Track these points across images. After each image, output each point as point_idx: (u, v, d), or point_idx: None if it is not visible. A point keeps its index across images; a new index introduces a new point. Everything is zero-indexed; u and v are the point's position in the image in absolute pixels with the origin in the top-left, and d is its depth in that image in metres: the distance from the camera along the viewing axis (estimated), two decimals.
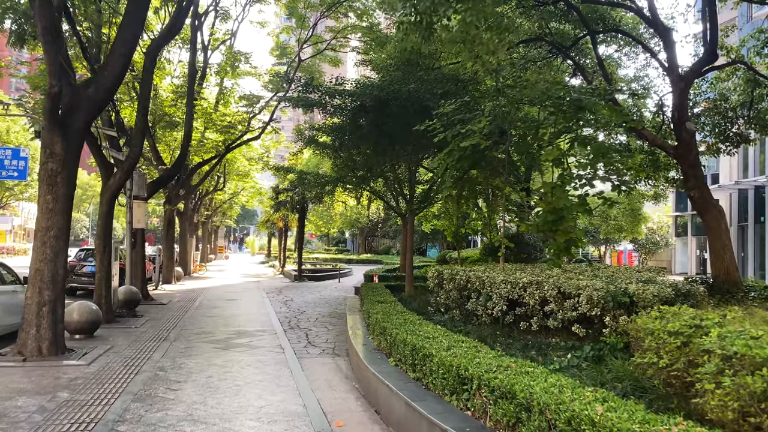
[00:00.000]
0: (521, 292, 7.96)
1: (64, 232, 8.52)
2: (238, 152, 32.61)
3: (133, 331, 11.09)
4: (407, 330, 6.76)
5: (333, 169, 21.92)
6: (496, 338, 7.75)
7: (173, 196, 22.77)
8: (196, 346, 9.67)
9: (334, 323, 12.59)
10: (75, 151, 8.63)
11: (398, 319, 7.65)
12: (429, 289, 11.04)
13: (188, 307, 15.31)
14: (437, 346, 5.65)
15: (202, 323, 12.35)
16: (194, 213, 34.71)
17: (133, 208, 15.10)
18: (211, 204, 45.69)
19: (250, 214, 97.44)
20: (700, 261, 40.40)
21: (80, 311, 10.00)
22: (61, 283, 8.47)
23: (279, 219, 32.80)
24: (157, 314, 13.67)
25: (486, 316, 8.60)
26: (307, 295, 19.12)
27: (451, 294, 9.52)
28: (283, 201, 28.44)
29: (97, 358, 8.36)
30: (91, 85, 8.74)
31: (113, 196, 11.85)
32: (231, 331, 11.26)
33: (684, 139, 12.94)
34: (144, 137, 12.32)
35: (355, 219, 54.20)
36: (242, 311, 14.66)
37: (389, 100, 11.91)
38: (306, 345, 9.98)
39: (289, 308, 15.42)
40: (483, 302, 8.48)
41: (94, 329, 10.24)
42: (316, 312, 14.59)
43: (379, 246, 61.19)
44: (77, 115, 8.62)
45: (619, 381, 5.49)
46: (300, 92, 13.98)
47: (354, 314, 11.40)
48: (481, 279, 8.68)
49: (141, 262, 16.20)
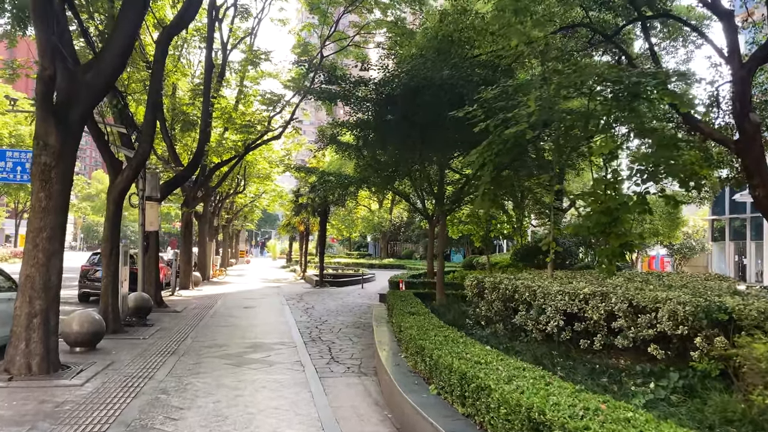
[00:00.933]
0: (582, 305, 6.76)
1: (58, 234, 7.59)
2: (259, 154, 31.87)
3: (140, 342, 10.13)
4: (451, 351, 5.62)
5: (356, 170, 20.92)
6: (554, 359, 6.57)
7: (191, 198, 21.97)
8: (207, 361, 8.65)
9: (360, 335, 11.49)
10: (72, 144, 7.71)
11: (437, 337, 6.51)
12: (467, 298, 9.86)
13: (203, 315, 14.37)
14: (495, 376, 4.50)
15: (215, 334, 11.36)
16: (214, 216, 34.03)
17: (146, 209, 14.23)
18: (232, 207, 45.09)
19: (272, 218, 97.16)
20: (739, 267, 38.47)
21: (81, 321, 9.07)
22: (54, 290, 7.53)
23: (300, 223, 31.86)
24: (169, 323, 12.74)
25: (537, 331, 7.41)
26: (329, 303, 18.07)
27: (494, 305, 8.35)
28: (304, 204, 27.50)
29: (93, 376, 7.39)
30: (90, 70, 7.81)
31: (120, 195, 10.95)
32: (246, 344, 10.23)
33: (747, 131, 11.56)
34: (154, 132, 11.42)
35: (377, 223, 53.12)
36: (260, 320, 13.66)
37: (420, 89, 10.80)
38: (329, 361, 8.89)
39: (310, 317, 14.37)
40: (535, 316, 7.30)
41: (96, 341, 9.30)
42: (339, 321, 13.51)
43: (402, 250, 60.02)
44: (75, 103, 7.69)
45: (729, 423, 4.28)
46: (323, 83, 12.92)
47: (382, 325, 10.29)
48: (532, 289, 7.50)
49: (154, 267, 15.33)
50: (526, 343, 7.58)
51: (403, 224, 58.74)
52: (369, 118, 13.35)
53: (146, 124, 11.10)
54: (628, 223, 9.19)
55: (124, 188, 10.97)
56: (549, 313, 7.07)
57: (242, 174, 32.09)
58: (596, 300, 6.59)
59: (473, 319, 9.19)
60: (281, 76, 25.18)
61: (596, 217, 9.37)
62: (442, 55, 11.18)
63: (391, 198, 56.95)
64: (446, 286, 18.43)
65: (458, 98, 10.61)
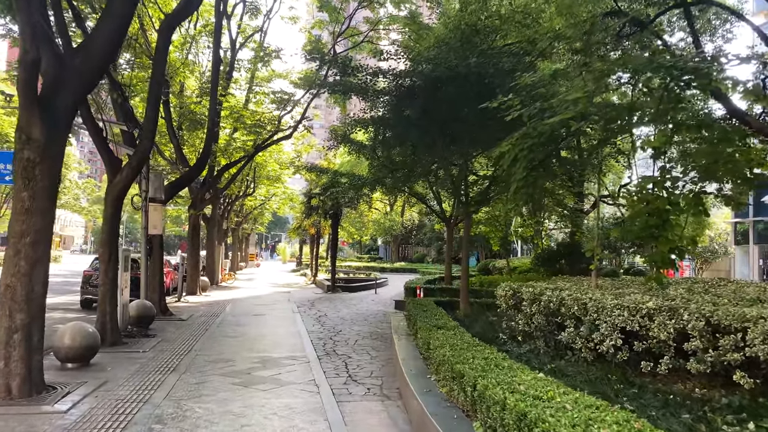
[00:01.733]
0: (645, 322, 5.79)
1: (43, 238, 6.73)
2: (269, 156, 31.11)
3: (139, 357, 9.26)
4: (499, 380, 4.66)
5: (370, 170, 20.02)
6: (612, 385, 5.60)
7: (199, 200, 21.19)
8: (210, 380, 7.76)
9: (378, 348, 10.55)
10: (59, 137, 6.86)
11: (476, 359, 5.56)
12: (500, 309, 8.87)
13: (210, 323, 13.50)
14: (566, 420, 3.54)
15: (222, 346, 10.47)
16: (223, 219, 33.26)
17: (149, 211, 13.40)
18: (242, 210, 44.36)
19: (282, 221, 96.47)
20: (763, 271, 37.23)
21: (73, 335, 8.22)
22: (38, 302, 6.67)
23: (310, 225, 30.98)
24: (172, 333, 11.88)
25: (587, 350, 6.44)
26: (342, 310, 17.15)
27: (534, 319, 7.38)
28: (315, 206, 26.63)
29: (80, 400, 6.51)
30: (80, 54, 6.96)
31: (119, 196, 10.11)
32: (254, 359, 9.33)
33: None
34: (155, 128, 10.58)
35: (388, 226, 52.18)
36: (270, 330, 12.76)
37: (443, 81, 9.87)
38: (346, 380, 7.96)
39: (323, 326, 13.46)
40: (586, 333, 6.32)
41: (90, 356, 8.44)
42: (354, 332, 12.58)
43: (413, 254, 59.02)
44: (62, 91, 6.84)
45: None
46: (338, 74, 12.00)
47: (403, 339, 9.34)
48: (582, 302, 6.53)
49: (158, 273, 14.50)
50: (574, 364, 6.61)
51: (415, 227, 57.74)
52: (386, 114, 12.45)
53: (147, 120, 10.27)
54: (680, 226, 8.23)
55: (123, 188, 10.13)
56: (604, 330, 6.09)
57: (252, 176, 31.31)
58: (663, 316, 5.62)
59: (507, 334, 8.22)
60: (291, 77, 24.38)
61: (644, 220, 8.41)
62: (467, 45, 10.23)
63: (403, 201, 56.13)
64: (458, 293, 17.42)
65: (486, 89, 9.67)
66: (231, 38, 22.30)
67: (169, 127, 18.26)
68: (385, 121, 12.30)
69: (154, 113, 10.24)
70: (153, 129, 10.33)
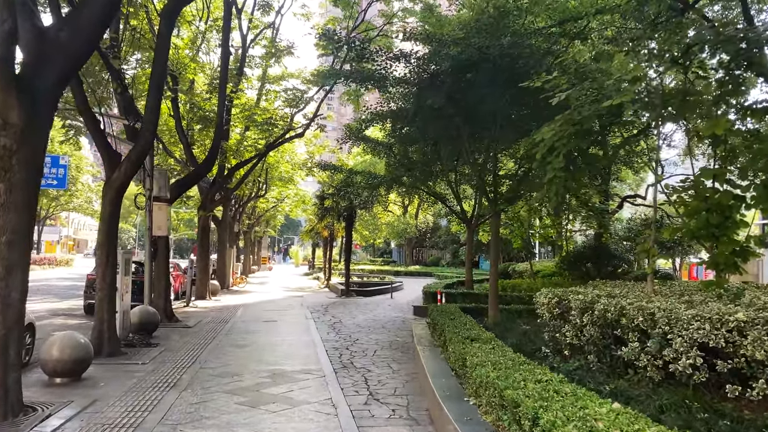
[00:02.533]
0: (735, 338, 4.77)
1: (21, 238, 5.88)
2: (281, 157, 30.32)
3: (137, 370, 8.39)
4: (569, 414, 3.68)
5: (386, 169, 19.10)
6: (692, 413, 4.59)
7: (208, 200, 20.40)
8: (214, 399, 6.85)
9: (399, 359, 9.59)
10: (41, 121, 6.00)
11: (530, 383, 4.58)
12: (542, 319, 7.86)
13: (217, 331, 12.63)
14: None
15: (229, 357, 9.57)
16: (234, 221, 32.53)
17: (153, 211, 12.58)
18: (254, 213, 43.67)
19: (294, 224, 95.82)
20: None
21: (61, 346, 7.36)
22: (15, 311, 5.80)
23: (324, 228, 30.09)
24: (177, 342, 11.02)
25: (654, 369, 5.43)
26: (358, 315, 16.21)
27: (585, 331, 6.37)
28: (328, 208, 25.75)
29: (62, 425, 5.63)
30: (65, 27, 6.11)
31: (118, 194, 9.26)
32: (264, 372, 8.41)
33: None
34: (157, 119, 9.75)
35: (402, 228, 51.17)
36: (281, 338, 11.85)
37: (472, 63, 8.90)
38: (367, 399, 7.00)
39: (339, 334, 12.52)
40: (655, 349, 5.31)
41: (81, 369, 7.58)
42: (373, 340, 11.62)
43: (428, 257, 57.91)
44: (44, 70, 5.99)
45: None
46: (354, 60, 11.04)
47: (428, 350, 8.39)
48: (648, 312, 5.51)
49: (164, 276, 13.67)
50: (637, 384, 5.61)
51: (429, 230, 56.68)
52: (405, 105, 11.51)
53: (149, 110, 9.43)
54: (745, 223, 7.21)
55: (122, 185, 9.28)
56: (678, 346, 5.08)
57: (264, 177, 30.50)
58: (758, 331, 4.60)
59: (551, 347, 7.22)
60: (304, 75, 23.57)
61: (703, 218, 7.39)
62: (497, 25, 9.25)
63: (417, 203, 55.10)
64: (480, 298, 16.43)
65: (519, 74, 8.71)
66: (242, 34, 21.56)
67: (177, 126, 17.49)
68: (404, 113, 11.35)
69: (156, 103, 9.39)
70: (155, 120, 9.48)
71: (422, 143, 14.06)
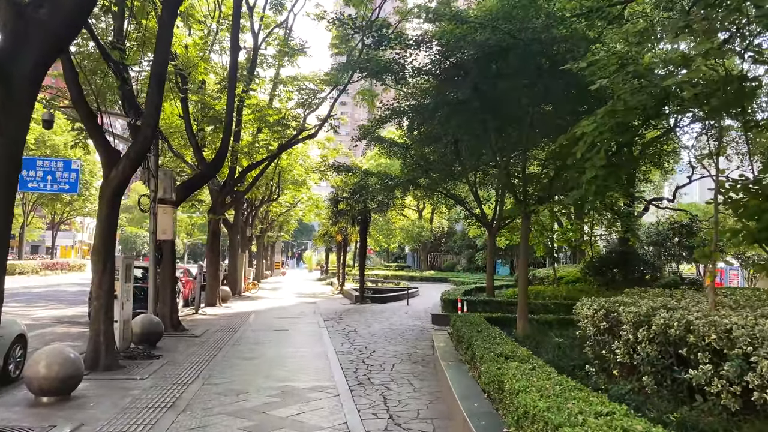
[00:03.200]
0: None
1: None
2: (294, 160, 29.70)
3: (133, 387, 7.65)
4: None
5: (402, 170, 18.33)
6: None
7: (219, 204, 19.74)
8: (215, 423, 6.08)
9: (421, 375, 8.76)
10: (17, 108, 5.30)
11: (589, 417, 3.74)
12: (583, 333, 6.98)
13: (225, 341, 11.90)
14: None
15: (235, 372, 8.81)
16: (246, 226, 31.90)
17: (158, 214, 11.92)
18: (266, 217, 43.09)
19: (308, 229, 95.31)
20: None
21: (49, 362, 6.65)
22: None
23: (337, 232, 29.35)
24: (181, 354, 10.30)
25: (731, 396, 4.55)
26: (374, 324, 15.39)
27: (640, 349, 5.50)
28: (342, 211, 25.06)
29: None
30: (45, 3, 5.40)
31: (116, 194, 8.57)
32: (272, 390, 7.63)
33: None
34: (159, 113, 9.05)
35: (417, 233, 50.26)
36: (292, 350, 11.07)
37: (501, 50, 8.09)
38: (387, 425, 6.18)
39: (354, 345, 11.72)
40: (734, 373, 4.44)
41: (70, 387, 6.86)
42: (390, 353, 10.80)
43: (443, 262, 56.89)
44: (21, 52, 5.30)
45: None
46: (372, 47, 10.26)
47: (453, 367, 7.57)
48: (723, 328, 4.64)
49: (170, 283, 12.98)
50: (708, 413, 4.74)
51: (444, 234, 55.71)
52: (425, 101, 10.71)
53: (150, 103, 8.74)
54: None
55: (120, 185, 8.59)
56: (765, 371, 4.20)
57: (276, 181, 29.85)
58: None
59: (596, 365, 6.35)
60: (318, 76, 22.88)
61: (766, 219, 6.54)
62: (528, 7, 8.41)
63: (432, 207, 54.16)
64: (503, 306, 15.55)
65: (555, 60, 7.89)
66: (253, 32, 20.96)
67: (187, 127, 16.86)
68: (423, 108, 10.55)
69: (157, 97, 8.70)
70: (156, 115, 8.78)
71: (441, 142, 13.27)
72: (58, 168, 34.14)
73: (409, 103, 10.83)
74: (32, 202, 51.00)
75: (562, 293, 17.35)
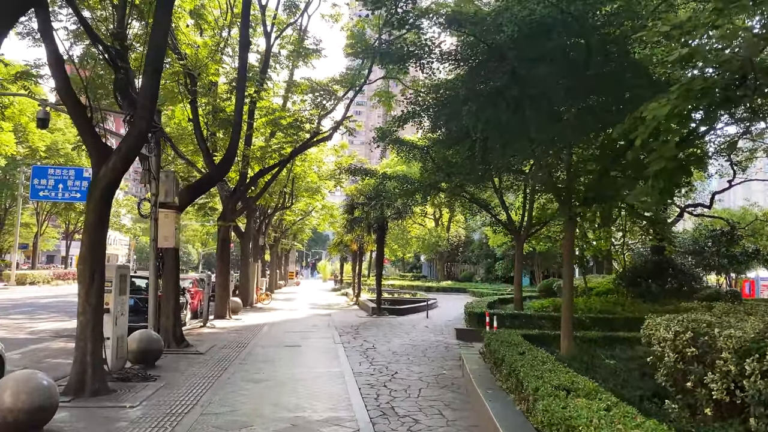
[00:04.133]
0: None
1: None
2: (308, 167, 28.73)
3: (120, 417, 6.58)
4: None
5: (423, 174, 17.23)
6: None
7: (229, 210, 18.78)
8: None
9: (452, 403, 7.57)
10: None
11: None
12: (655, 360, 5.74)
13: (231, 359, 10.82)
14: None
15: (239, 398, 7.71)
16: (259, 234, 30.99)
17: (159, 219, 10.92)
18: (280, 225, 42.19)
19: (322, 238, 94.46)
20: None
21: (16, 391, 5.60)
22: None
23: (352, 241, 28.25)
24: (181, 374, 9.23)
25: None
26: (393, 339, 14.22)
27: (747, 384, 4.30)
28: (357, 218, 23.93)
29: None
30: None
31: (105, 194, 7.55)
32: (281, 422, 6.50)
33: None
34: (155, 104, 8.05)
35: (434, 242, 48.97)
36: (305, 370, 9.94)
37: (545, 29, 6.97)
38: None
39: (373, 364, 10.57)
40: None
41: (41, 420, 5.81)
42: (415, 374, 9.62)
43: (460, 272, 55.45)
44: None
45: None
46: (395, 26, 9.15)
47: (493, 396, 6.40)
48: None
49: (173, 295, 11.94)
50: None
51: (462, 244, 54.32)
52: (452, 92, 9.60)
53: (144, 93, 7.76)
54: None
55: (110, 185, 7.58)
56: None
57: (290, 188, 28.89)
58: None
59: (679, 401, 5.13)
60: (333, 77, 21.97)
61: None
62: None
63: (449, 215, 52.83)
64: (534, 320, 14.30)
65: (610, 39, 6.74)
66: (266, 31, 20.10)
67: (196, 131, 15.96)
68: (451, 101, 9.43)
69: (153, 83, 7.71)
70: (151, 106, 7.78)
71: (466, 142, 12.15)
72: (69, 176, 33.62)
73: (435, 95, 9.73)
74: (46, 212, 50.72)
75: (595, 306, 16.04)
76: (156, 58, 7.71)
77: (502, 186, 15.73)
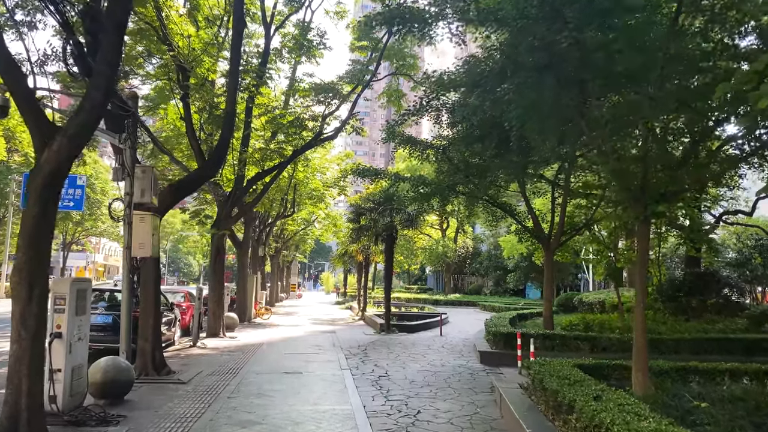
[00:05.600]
0: None
1: None
2: (311, 174, 27.05)
3: None
4: None
5: (438, 176, 15.48)
6: None
7: (224, 216, 17.03)
8: None
9: None
10: None
11: None
12: None
13: (219, 390, 9.00)
14: None
15: None
16: (259, 244, 29.22)
17: (134, 223, 9.17)
18: (281, 235, 40.37)
19: (325, 249, 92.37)
20: None
21: None
22: None
23: (358, 251, 26.41)
24: (153, 414, 7.41)
25: None
26: (409, 364, 12.36)
27: None
28: (364, 227, 22.15)
29: None
30: None
31: (47, 184, 5.79)
32: None
33: None
34: (117, 68, 6.33)
35: (441, 253, 47.06)
36: (307, 407, 8.10)
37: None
38: None
39: (389, 399, 8.73)
40: None
41: None
42: (442, 415, 7.77)
43: (468, 285, 53.50)
44: None
45: None
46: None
47: None
48: None
49: (152, 312, 10.14)
50: None
51: (469, 255, 52.37)
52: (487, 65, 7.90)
53: (103, 58, 6.03)
54: None
55: (54, 172, 5.83)
56: None
57: (291, 195, 27.14)
58: None
59: None
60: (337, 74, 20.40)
61: None
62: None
63: (456, 225, 50.91)
64: (570, 342, 12.49)
65: None
66: (265, 23, 18.51)
67: (188, 129, 14.23)
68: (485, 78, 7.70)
69: (114, 45, 5.98)
70: (111, 72, 6.04)
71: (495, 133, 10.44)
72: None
73: (464, 69, 7.99)
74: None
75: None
76: (118, 10, 6.00)
77: (531, 186, 13.99)
